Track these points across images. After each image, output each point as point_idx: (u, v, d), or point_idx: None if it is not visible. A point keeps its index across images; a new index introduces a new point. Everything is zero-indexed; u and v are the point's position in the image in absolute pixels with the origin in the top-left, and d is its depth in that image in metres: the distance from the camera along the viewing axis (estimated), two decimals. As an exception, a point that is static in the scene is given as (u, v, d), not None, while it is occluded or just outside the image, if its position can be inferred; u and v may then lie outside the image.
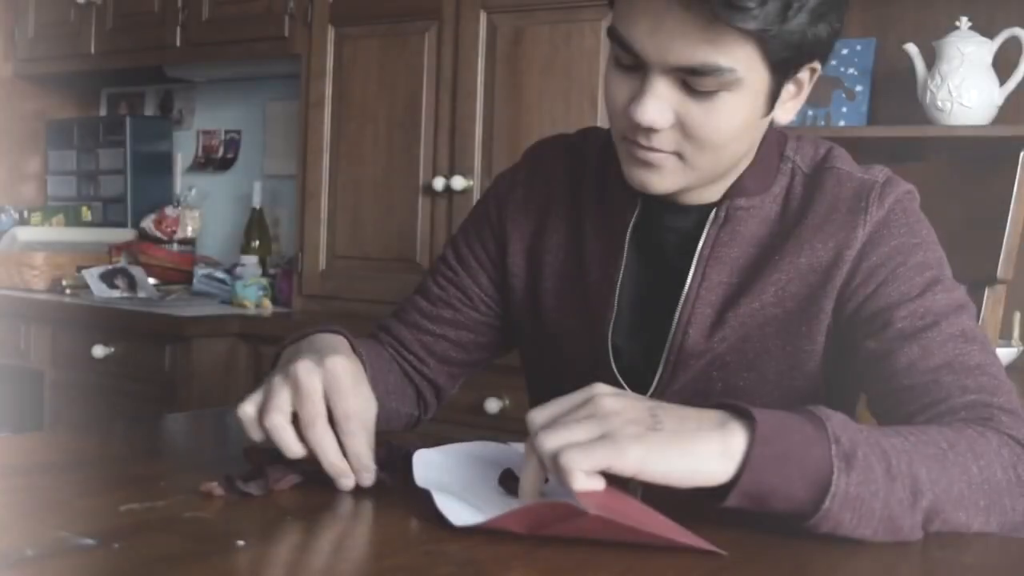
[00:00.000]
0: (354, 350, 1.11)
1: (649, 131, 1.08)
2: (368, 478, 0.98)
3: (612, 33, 1.08)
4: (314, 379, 0.98)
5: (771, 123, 1.16)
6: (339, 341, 1.12)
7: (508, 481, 0.98)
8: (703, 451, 0.85)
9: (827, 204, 1.17)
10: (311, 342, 1.09)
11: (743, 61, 1.03)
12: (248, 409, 1.01)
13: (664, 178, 1.12)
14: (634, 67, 1.07)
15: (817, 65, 1.11)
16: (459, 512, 0.89)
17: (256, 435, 1.00)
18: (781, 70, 1.07)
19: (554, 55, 2.63)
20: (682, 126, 1.08)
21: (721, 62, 1.03)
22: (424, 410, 1.36)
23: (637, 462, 0.84)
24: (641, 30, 1.04)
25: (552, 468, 0.85)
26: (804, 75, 1.12)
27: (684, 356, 1.18)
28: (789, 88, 1.12)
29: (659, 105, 1.06)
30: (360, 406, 1.00)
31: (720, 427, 0.87)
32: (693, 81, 1.04)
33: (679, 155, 1.10)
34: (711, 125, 1.07)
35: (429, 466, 1.01)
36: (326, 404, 0.99)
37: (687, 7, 1.00)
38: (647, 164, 1.11)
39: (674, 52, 1.03)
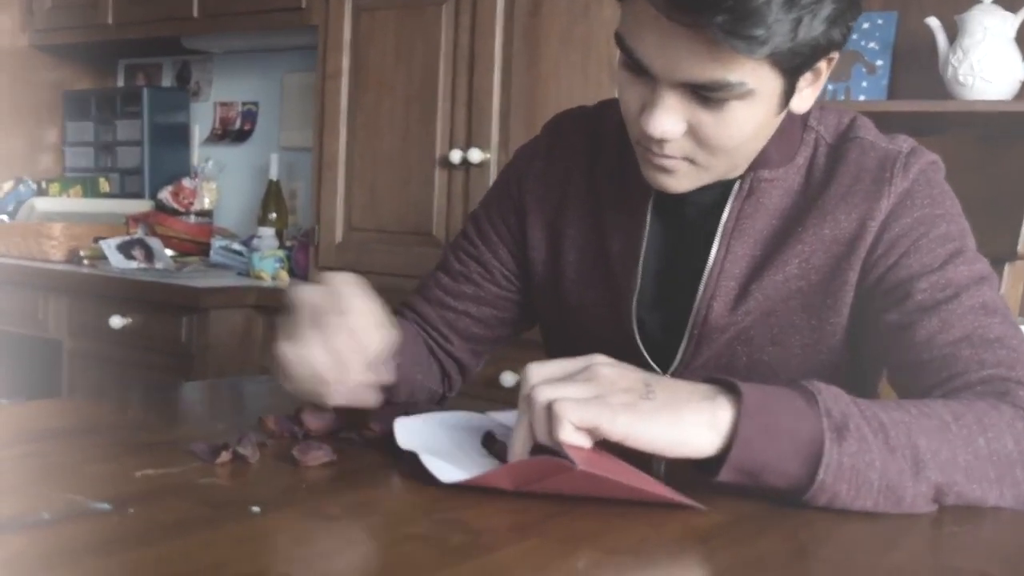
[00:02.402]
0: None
1: (661, 140, 1.07)
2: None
3: (620, 42, 1.06)
4: (316, 292, 1.02)
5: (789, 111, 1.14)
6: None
7: (490, 443, 1.00)
8: (690, 422, 0.87)
9: (851, 174, 1.15)
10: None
11: (753, 75, 1.01)
12: (283, 347, 1.01)
13: (680, 180, 1.12)
14: (642, 71, 1.05)
15: (835, 55, 1.08)
16: (447, 470, 0.91)
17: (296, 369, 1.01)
18: (796, 74, 1.05)
19: (572, 27, 2.61)
20: (694, 134, 1.06)
21: (731, 78, 1.00)
22: (449, 387, 1.36)
23: (625, 427, 0.86)
24: (648, 44, 1.02)
25: (543, 418, 0.87)
26: (822, 64, 1.08)
27: (708, 330, 1.18)
28: (807, 78, 1.09)
29: (670, 117, 1.04)
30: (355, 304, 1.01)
31: (709, 400, 0.88)
32: (703, 94, 1.02)
33: (692, 160, 1.09)
34: (724, 133, 1.06)
35: (411, 431, 1.02)
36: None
37: (693, 28, 0.97)
38: (661, 168, 1.11)
39: (682, 69, 1.01)
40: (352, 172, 3.00)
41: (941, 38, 2.33)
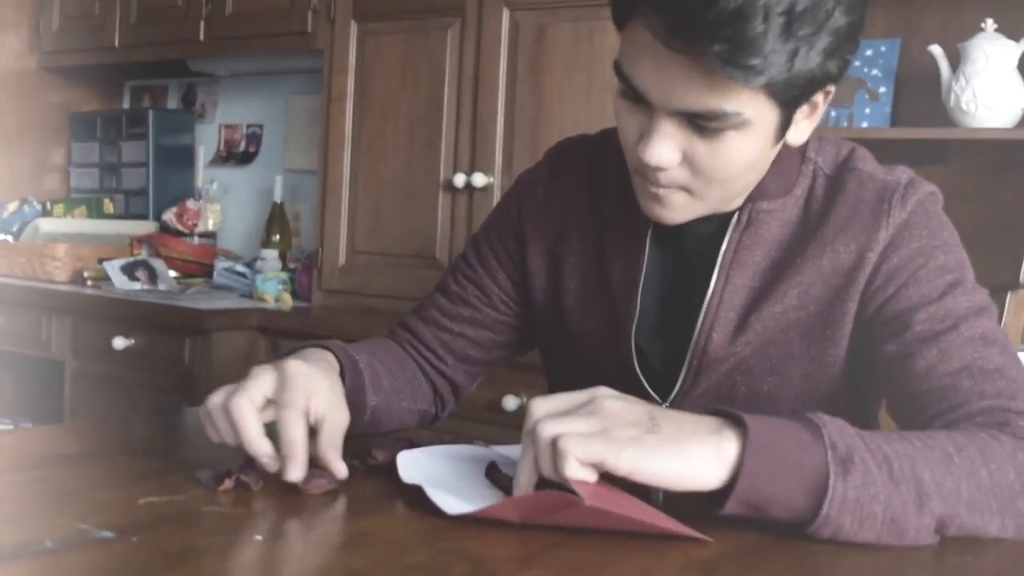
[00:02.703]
0: (338, 359, 1.14)
1: (657, 169, 1.07)
2: (293, 471, 0.96)
3: (618, 70, 1.07)
4: (266, 381, 1.01)
5: (783, 143, 1.13)
6: (320, 354, 1.13)
7: (494, 474, 1.00)
8: (696, 455, 0.87)
9: (849, 206, 1.16)
10: (297, 354, 1.11)
11: (750, 105, 1.01)
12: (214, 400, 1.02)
13: (675, 212, 1.12)
14: (640, 100, 1.06)
15: (831, 87, 1.08)
16: (452, 503, 0.91)
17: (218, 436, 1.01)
18: (792, 105, 1.05)
19: (576, 52, 2.63)
20: (690, 163, 1.07)
21: (727, 108, 1.01)
22: (441, 407, 1.37)
23: (631, 462, 0.86)
24: (645, 72, 1.03)
25: (548, 454, 0.87)
26: (818, 97, 1.09)
27: (707, 360, 1.18)
28: (804, 110, 1.09)
29: (666, 145, 1.05)
30: (298, 397, 1.00)
31: (715, 433, 0.88)
32: (699, 123, 1.03)
33: (688, 190, 1.10)
34: (719, 163, 1.06)
35: (414, 464, 1.02)
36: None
37: (690, 57, 0.97)
38: (657, 199, 1.11)
39: (678, 98, 1.01)
40: (356, 195, 3.01)
41: (944, 66, 2.34)
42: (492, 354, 1.36)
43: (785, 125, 1.08)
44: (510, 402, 2.51)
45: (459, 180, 2.77)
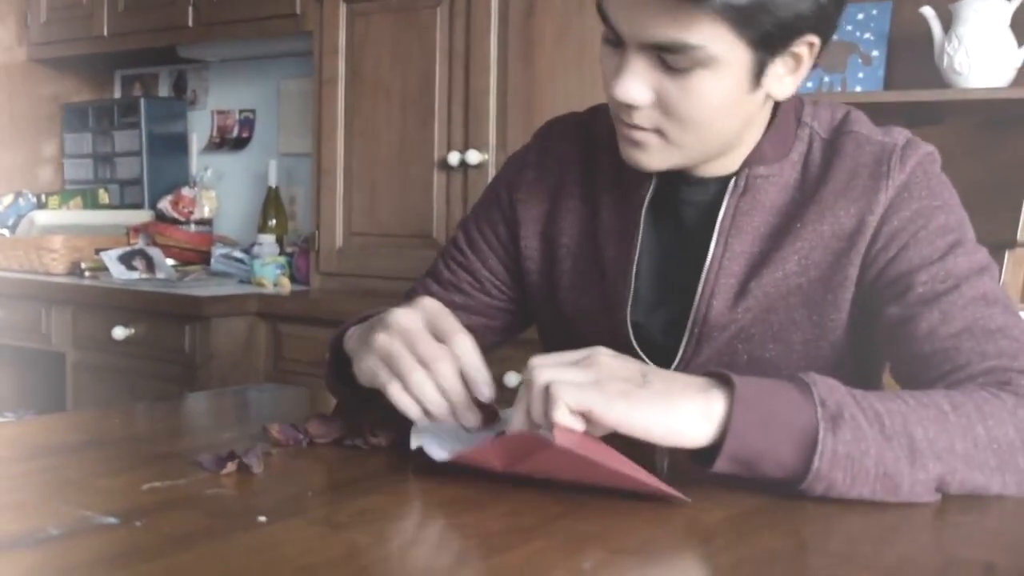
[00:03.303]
0: None
1: (630, 108, 1.08)
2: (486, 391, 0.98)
3: (598, 7, 1.09)
4: (415, 319, 1.00)
5: (767, 99, 1.13)
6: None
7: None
8: (684, 411, 0.88)
9: (848, 169, 1.16)
10: (378, 316, 1.08)
11: (713, 39, 1.02)
12: (398, 395, 0.99)
13: (651, 156, 1.12)
14: (618, 43, 1.07)
15: (815, 39, 1.08)
16: (437, 452, 0.93)
17: (413, 411, 0.99)
18: (764, 47, 1.05)
19: (567, 26, 2.61)
20: (662, 104, 1.07)
21: (689, 40, 1.02)
22: None
23: (619, 413, 0.87)
24: (617, 5, 1.05)
25: (540, 399, 0.88)
26: (801, 49, 1.08)
27: (708, 328, 1.18)
28: (787, 62, 1.09)
29: (636, 82, 1.06)
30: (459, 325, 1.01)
31: (703, 391, 0.90)
32: (667, 58, 1.04)
33: (661, 133, 1.10)
34: (688, 103, 1.07)
35: (422, 429, 1.02)
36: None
37: None
38: (632, 142, 1.12)
39: (644, 29, 1.03)
40: (351, 177, 3.01)
41: (936, 27, 2.33)
42: (487, 339, 1.35)
43: (759, 71, 1.07)
44: (512, 378, 2.51)
45: (453, 158, 2.77)
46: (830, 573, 0.75)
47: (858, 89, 2.47)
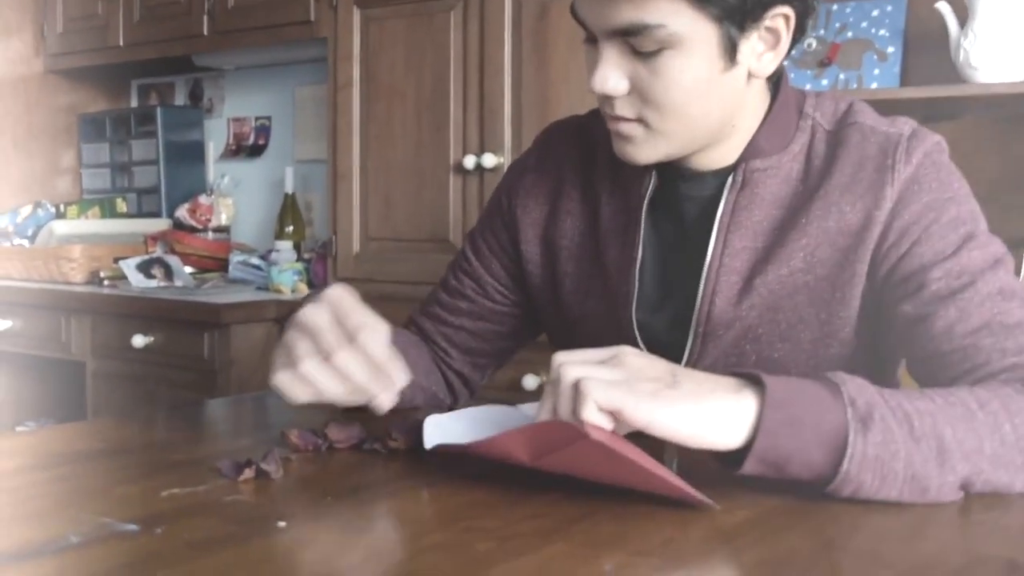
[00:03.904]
0: None
1: (611, 99, 1.09)
2: (390, 392, 1.01)
3: (571, 11, 1.11)
4: (320, 313, 1.00)
5: (752, 79, 1.12)
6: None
7: None
8: (714, 412, 0.87)
9: (853, 162, 1.14)
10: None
11: (673, 16, 1.03)
12: (280, 376, 1.02)
13: (639, 148, 1.13)
14: (594, 40, 1.09)
15: (788, 11, 1.08)
16: (455, 441, 0.94)
17: (298, 394, 1.01)
18: (731, 21, 1.05)
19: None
20: (638, 92, 1.08)
21: (648, 20, 1.03)
22: (454, 399, 1.37)
23: (649, 413, 0.86)
24: (584, 1, 1.08)
25: (568, 395, 0.87)
26: (777, 23, 1.08)
27: (712, 326, 1.17)
28: (764, 38, 1.09)
29: (610, 71, 1.08)
30: (369, 318, 1.01)
31: (734, 392, 0.88)
32: (633, 43, 1.06)
33: (643, 122, 1.10)
34: (661, 86, 1.07)
35: (439, 427, 1.02)
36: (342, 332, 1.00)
37: None
38: (620, 135, 1.12)
39: (606, 16, 1.05)
40: (367, 182, 3.01)
41: (952, 22, 2.31)
42: (495, 345, 1.36)
43: (731, 47, 1.07)
44: (530, 381, 2.51)
45: (469, 162, 2.77)
46: (854, 572, 0.75)
47: (874, 86, 2.46)
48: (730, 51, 1.07)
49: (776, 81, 1.19)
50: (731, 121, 1.14)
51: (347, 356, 0.99)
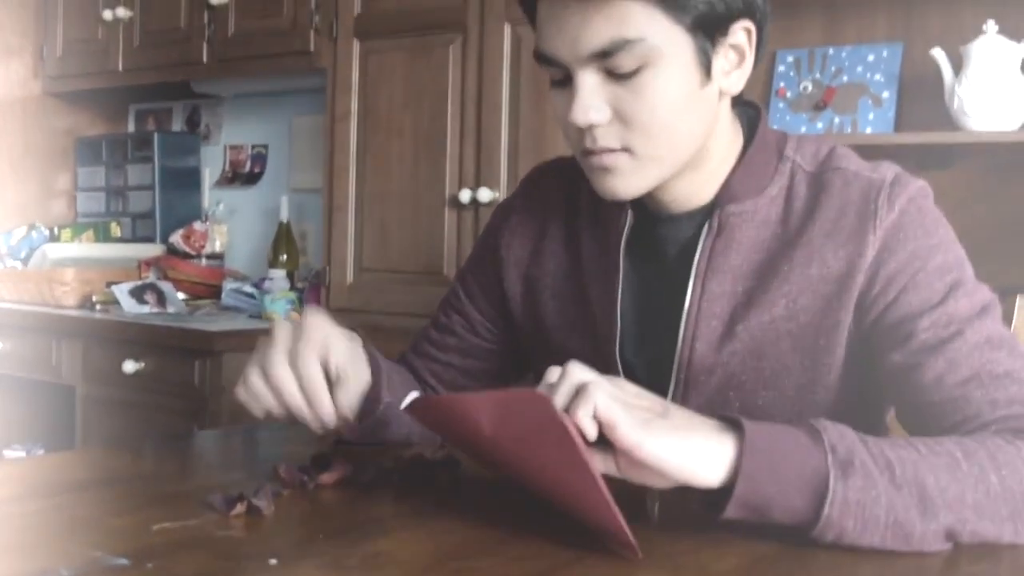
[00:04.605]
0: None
1: (593, 130, 1.08)
2: (322, 411, 1.08)
3: (535, 54, 1.10)
4: (283, 329, 1.08)
5: (722, 98, 1.13)
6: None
7: None
8: (699, 449, 0.87)
9: (835, 208, 1.14)
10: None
11: (650, 28, 1.04)
12: (238, 389, 1.09)
13: (625, 180, 1.11)
14: (564, 80, 1.09)
15: (750, 24, 1.10)
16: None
17: (252, 407, 1.09)
18: (703, 31, 1.06)
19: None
20: (620, 117, 1.08)
21: (627, 34, 1.04)
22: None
23: (639, 437, 0.86)
24: (551, 35, 1.07)
25: (569, 391, 0.88)
26: (740, 39, 1.10)
27: (694, 372, 1.17)
28: (730, 56, 1.10)
29: (590, 102, 1.07)
30: (337, 342, 1.08)
31: (716, 432, 0.89)
32: (612, 66, 1.05)
33: (629, 151, 1.09)
34: (646, 106, 1.07)
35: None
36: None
37: None
38: (604, 169, 1.11)
39: (582, 41, 1.05)
40: (362, 213, 3.02)
41: (947, 69, 2.34)
42: (483, 382, 1.36)
43: (705, 61, 1.08)
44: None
45: (465, 196, 2.78)
46: (843, 623, 0.75)
47: (868, 131, 2.48)
48: (705, 65, 1.08)
49: (753, 121, 1.19)
50: (706, 144, 1.14)
51: (282, 374, 1.05)
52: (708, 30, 1.07)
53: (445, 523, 0.92)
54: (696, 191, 1.17)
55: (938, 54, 2.35)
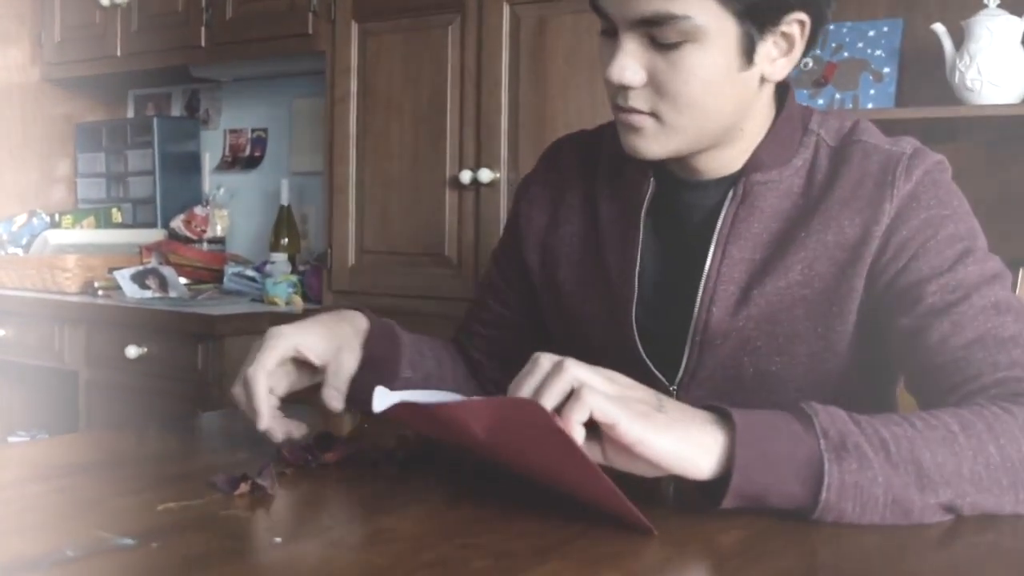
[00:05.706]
0: (369, 321, 1.26)
1: (626, 90, 1.10)
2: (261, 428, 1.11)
3: (591, 2, 1.12)
4: (256, 345, 1.15)
5: (764, 84, 1.14)
6: (345, 312, 1.26)
7: None
8: (696, 442, 0.88)
9: (854, 178, 1.15)
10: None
11: (699, 8, 1.05)
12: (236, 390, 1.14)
13: (648, 142, 1.13)
14: (613, 32, 1.10)
15: (804, 17, 1.10)
16: (408, 399, 0.93)
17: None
18: (752, 20, 1.07)
19: (578, 45, 2.62)
20: (654, 84, 1.10)
21: (674, 10, 1.05)
22: None
23: (640, 433, 0.86)
24: None
25: (562, 389, 0.87)
26: (792, 29, 1.11)
27: (710, 336, 1.17)
28: (779, 43, 1.11)
29: (628, 62, 1.09)
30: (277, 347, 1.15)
31: (709, 424, 0.89)
32: (656, 34, 1.07)
33: (657, 116, 1.11)
34: (679, 79, 1.08)
35: (389, 397, 1.00)
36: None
37: None
38: (631, 127, 1.13)
39: (631, 4, 1.07)
40: (363, 195, 3.01)
41: (947, 44, 2.33)
42: (523, 350, 1.36)
43: (748, 48, 1.09)
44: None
45: (465, 176, 2.77)
46: (847, 594, 0.75)
47: (870, 106, 2.47)
48: (748, 51, 1.09)
49: (782, 94, 1.20)
50: (740, 124, 1.16)
51: (238, 389, 1.13)
52: (758, 19, 1.08)
53: (449, 500, 0.93)
54: (727, 163, 1.19)
55: (939, 29, 2.34)
